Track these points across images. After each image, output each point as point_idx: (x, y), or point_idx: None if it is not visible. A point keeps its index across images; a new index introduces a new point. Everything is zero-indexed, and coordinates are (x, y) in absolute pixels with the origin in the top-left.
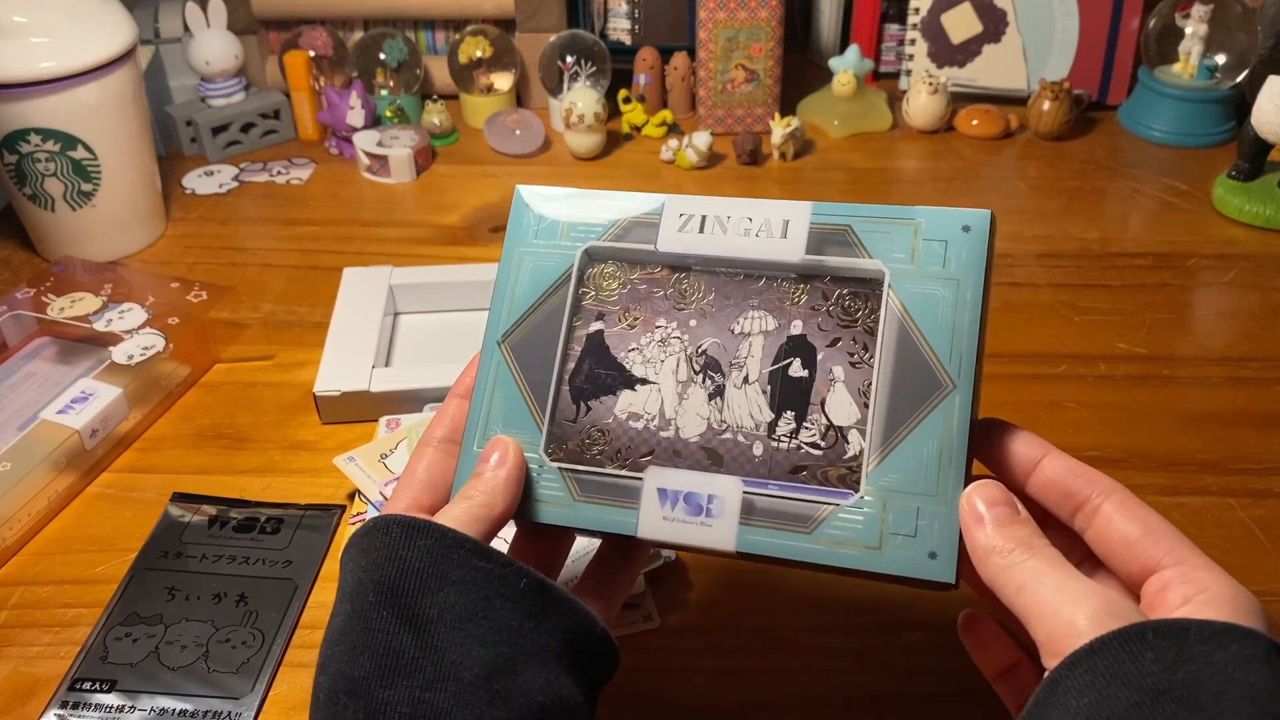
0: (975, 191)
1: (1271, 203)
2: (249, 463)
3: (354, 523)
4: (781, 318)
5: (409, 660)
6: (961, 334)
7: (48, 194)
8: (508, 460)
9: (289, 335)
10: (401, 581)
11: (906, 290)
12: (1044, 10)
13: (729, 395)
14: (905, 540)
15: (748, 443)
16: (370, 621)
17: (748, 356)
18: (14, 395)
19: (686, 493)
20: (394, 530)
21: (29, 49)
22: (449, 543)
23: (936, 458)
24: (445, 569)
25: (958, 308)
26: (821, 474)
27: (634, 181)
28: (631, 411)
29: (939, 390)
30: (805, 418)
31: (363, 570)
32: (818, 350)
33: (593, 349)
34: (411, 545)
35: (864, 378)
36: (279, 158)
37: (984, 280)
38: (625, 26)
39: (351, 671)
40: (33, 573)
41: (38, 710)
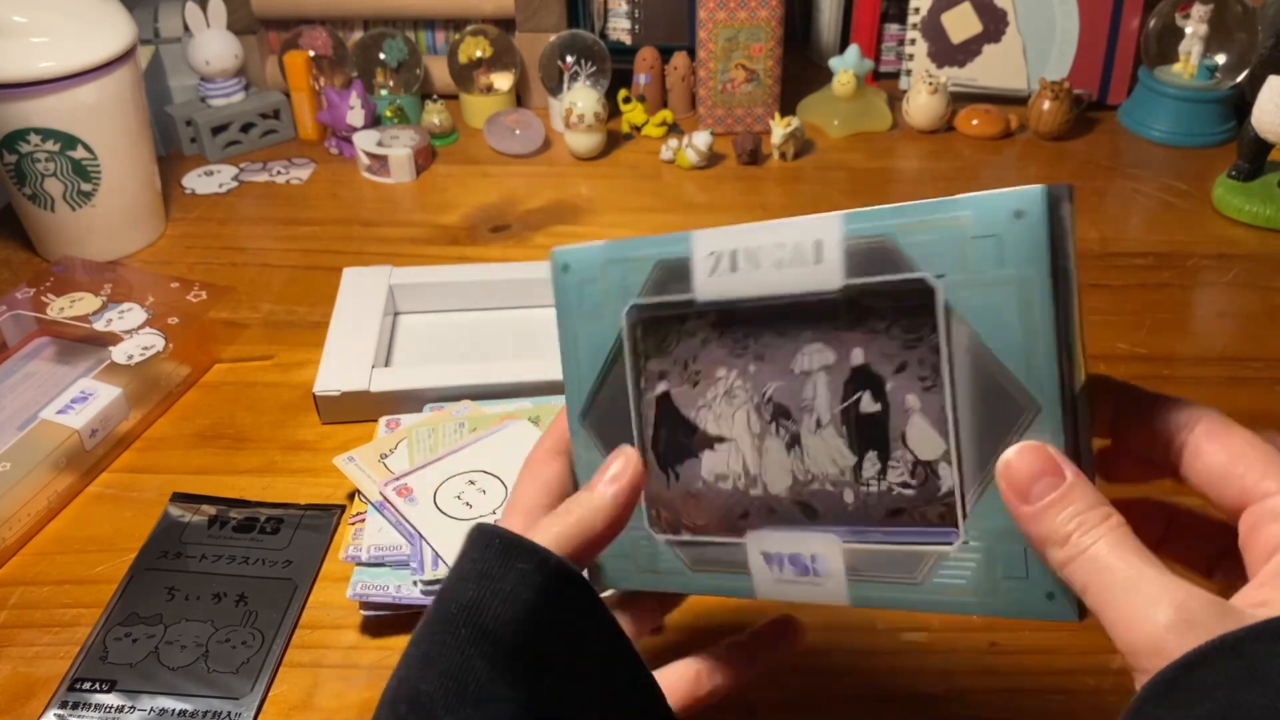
0: (976, 191)
1: (1271, 203)
2: (249, 463)
3: (354, 523)
4: (840, 348)
5: (478, 688)
6: (1036, 344)
7: (47, 194)
8: (623, 477)
9: (289, 335)
10: (489, 602)
11: (964, 301)
12: (1044, 10)
13: (806, 443)
14: (1018, 583)
15: (837, 491)
16: (448, 636)
17: (814, 397)
18: (14, 395)
19: (789, 554)
20: (494, 546)
21: (29, 49)
22: (548, 570)
23: None
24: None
25: (1026, 313)
26: (919, 514)
27: (634, 181)
28: (717, 473)
29: (1022, 415)
30: (889, 455)
31: (457, 578)
32: (885, 380)
33: (666, 414)
34: (509, 567)
35: (939, 405)
36: (279, 158)
37: (1054, 271)
38: (625, 26)
39: (418, 684)
40: (33, 573)
41: (38, 710)
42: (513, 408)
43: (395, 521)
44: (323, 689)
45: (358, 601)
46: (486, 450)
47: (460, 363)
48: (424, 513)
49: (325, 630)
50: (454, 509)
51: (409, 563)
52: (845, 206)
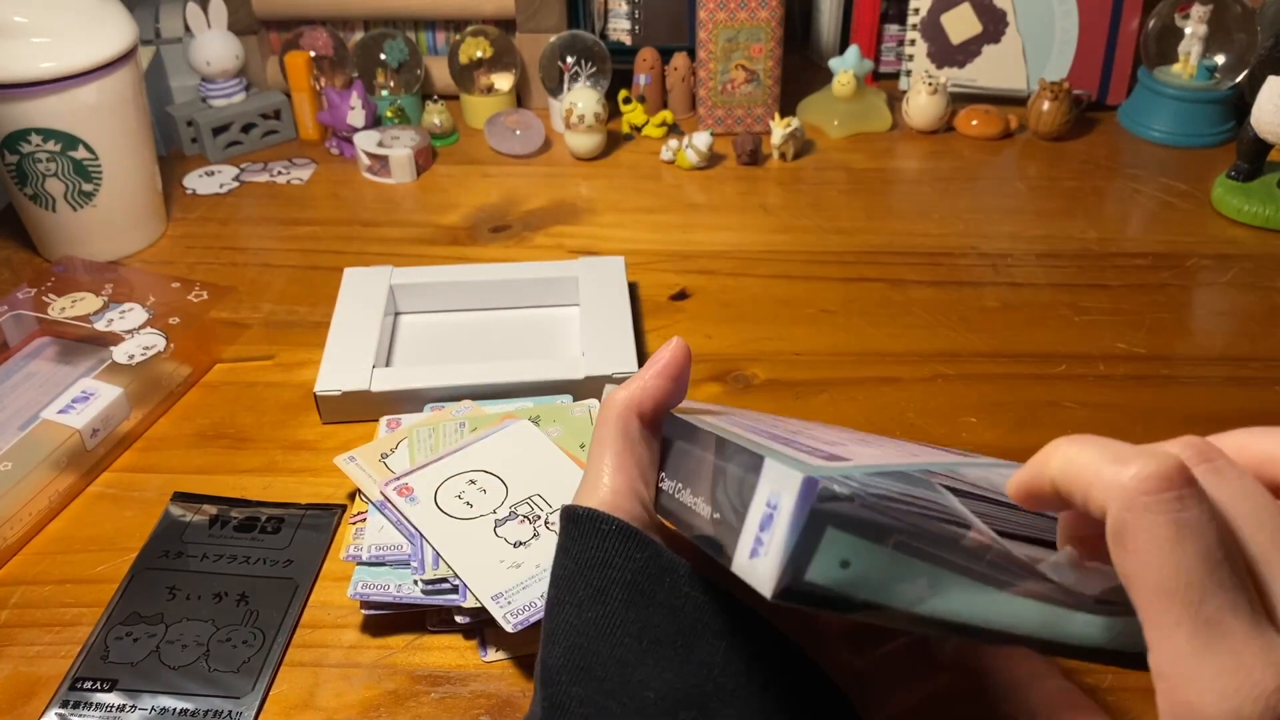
0: (975, 192)
1: (1271, 203)
2: (249, 462)
3: (354, 522)
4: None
5: (600, 665)
6: None
7: (48, 194)
8: (663, 356)
9: (289, 335)
10: (610, 590)
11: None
12: (1044, 10)
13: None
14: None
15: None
16: (571, 614)
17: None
18: (14, 395)
19: None
20: (611, 536)
21: (29, 49)
22: (663, 564)
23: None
24: (654, 590)
25: None
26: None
27: (634, 181)
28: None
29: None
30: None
31: (573, 561)
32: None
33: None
34: (627, 556)
35: None
36: (279, 158)
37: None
38: (625, 27)
39: (545, 658)
40: (33, 572)
41: (38, 709)
42: (513, 408)
43: (396, 521)
44: (324, 688)
45: (358, 601)
46: (487, 450)
47: (461, 363)
48: (425, 512)
49: (326, 630)
50: (455, 508)
51: (410, 562)
52: (846, 207)
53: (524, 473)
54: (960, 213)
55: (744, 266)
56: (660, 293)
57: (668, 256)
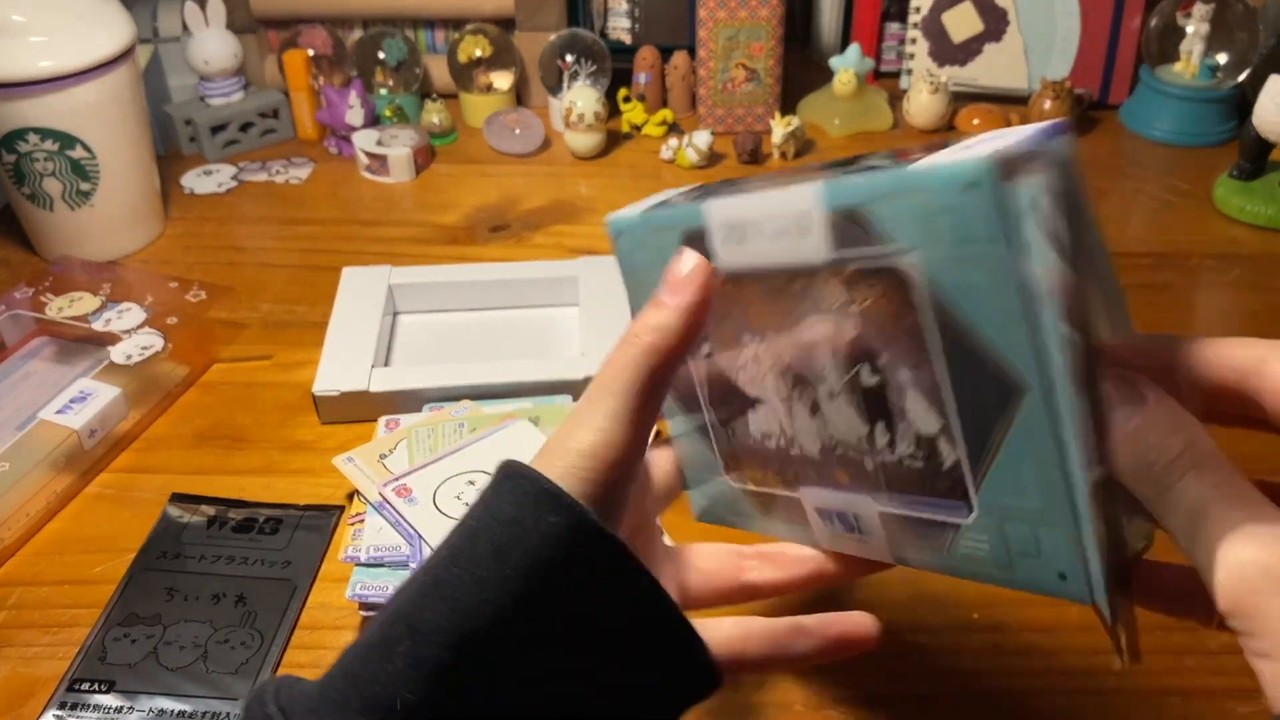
0: None
1: (1273, 203)
2: (248, 463)
3: (353, 523)
4: (835, 321)
5: (487, 629)
6: (1015, 319)
7: (46, 193)
8: (694, 280)
9: (288, 335)
10: (511, 551)
11: (941, 275)
12: (1045, 9)
13: (825, 410)
14: (1032, 560)
15: (859, 458)
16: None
17: (823, 367)
18: (12, 395)
19: (836, 511)
20: (533, 496)
21: (28, 48)
22: (586, 533)
23: (1035, 474)
24: (560, 560)
25: (998, 288)
26: (930, 486)
27: (634, 180)
28: (763, 431)
29: (1012, 396)
30: (894, 427)
31: (486, 513)
32: (879, 353)
33: (713, 373)
34: (538, 518)
35: (930, 383)
36: (278, 157)
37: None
38: (625, 26)
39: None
40: (31, 573)
41: (36, 710)
42: (513, 408)
43: (395, 522)
44: None
45: (357, 602)
46: (486, 450)
47: (460, 363)
48: (423, 513)
49: (324, 631)
50: (454, 509)
51: (408, 563)
52: None
53: None
54: None
55: None
56: None
57: None
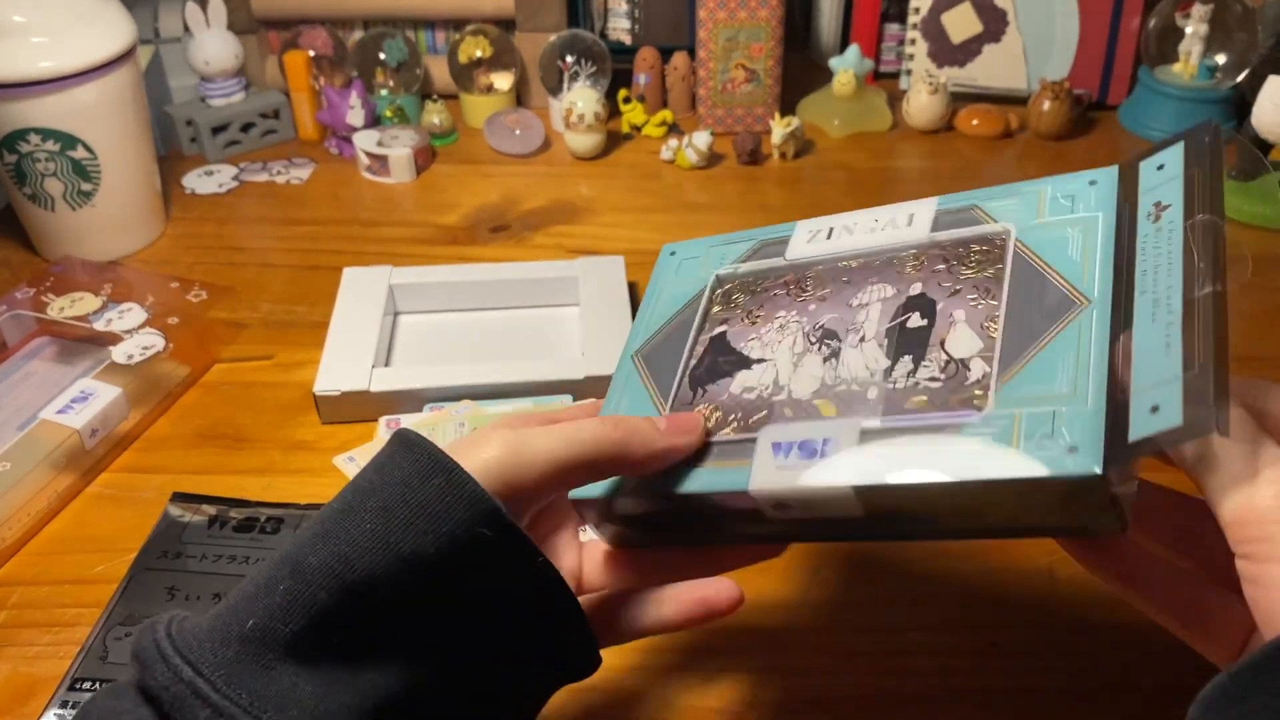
0: None
1: (1271, 203)
2: (249, 463)
3: None
4: (900, 284)
5: (364, 578)
6: (1093, 259)
7: (47, 194)
8: (692, 434)
9: (289, 335)
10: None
11: (1033, 237)
12: (1044, 10)
13: (844, 355)
14: (1041, 439)
15: (862, 390)
16: (350, 524)
17: (864, 321)
18: (13, 395)
19: (801, 440)
20: (422, 459)
21: (29, 49)
22: (464, 495)
23: (1074, 365)
24: (441, 522)
25: (1087, 240)
26: (941, 400)
27: (634, 181)
28: (746, 386)
29: (1072, 308)
30: (923, 358)
31: (376, 475)
32: (938, 301)
33: (715, 345)
34: (428, 483)
35: (987, 314)
36: (279, 157)
37: (1119, 213)
38: (625, 26)
39: (307, 555)
40: (32, 573)
41: (37, 710)
42: (512, 408)
43: None
44: None
45: None
46: None
47: (460, 363)
48: None
49: None
50: None
51: None
52: (846, 206)
53: None
54: None
55: None
56: None
57: None
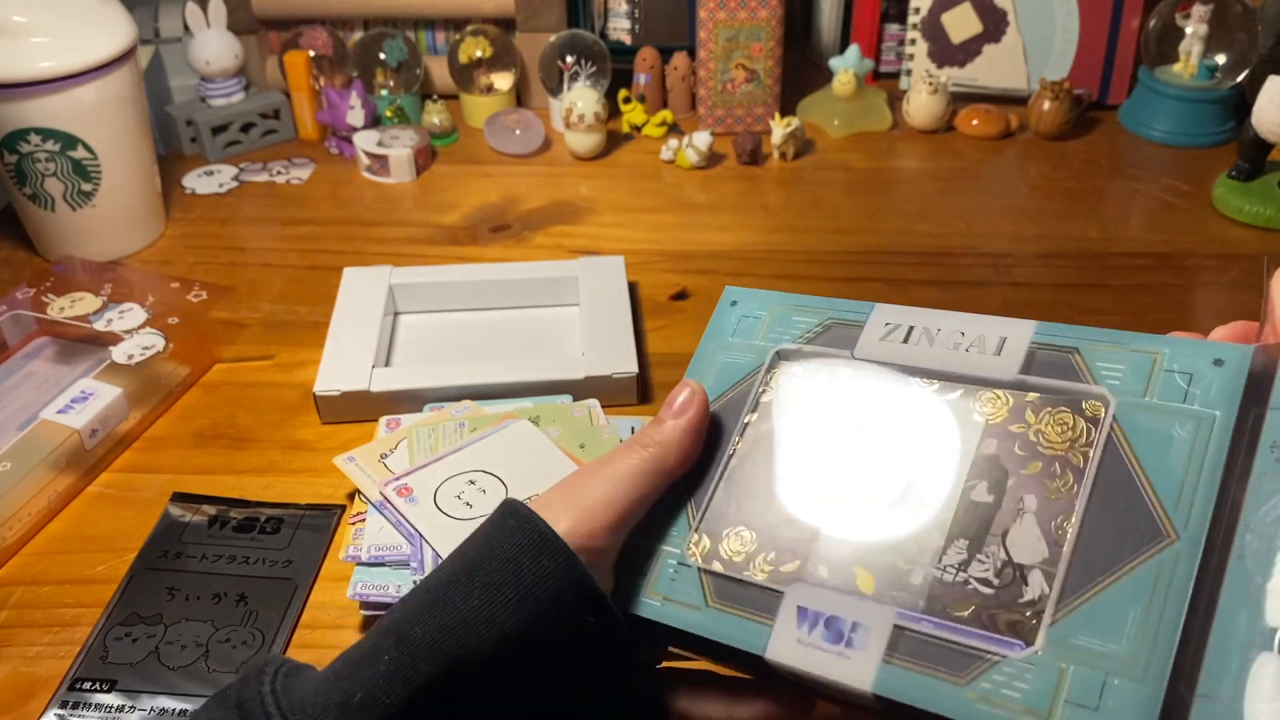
0: (976, 191)
1: (1272, 203)
2: (249, 463)
3: (354, 522)
4: (973, 435)
5: (470, 652)
6: (1195, 479)
7: (48, 194)
8: (691, 407)
9: (289, 335)
10: (502, 588)
11: (1132, 420)
12: (1044, 10)
13: (896, 513)
14: (1081, 712)
15: (907, 568)
16: (457, 595)
17: (926, 475)
18: (14, 395)
19: (829, 615)
20: (534, 537)
21: (29, 49)
22: (573, 578)
23: (1142, 618)
24: (548, 600)
25: (1195, 450)
26: (988, 616)
27: (634, 181)
28: (785, 517)
29: (1157, 540)
30: (981, 549)
31: (485, 548)
32: (1010, 475)
33: (760, 447)
34: (537, 564)
35: (1061, 512)
36: (279, 157)
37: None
38: (625, 26)
39: (414, 625)
40: (33, 573)
41: (38, 710)
42: (513, 407)
43: (395, 521)
44: None
45: (358, 601)
46: (486, 450)
47: (460, 363)
48: (424, 512)
49: (326, 630)
50: (454, 509)
51: (409, 563)
52: (846, 206)
53: (524, 473)
54: (961, 212)
55: (744, 266)
56: (660, 293)
57: (668, 256)
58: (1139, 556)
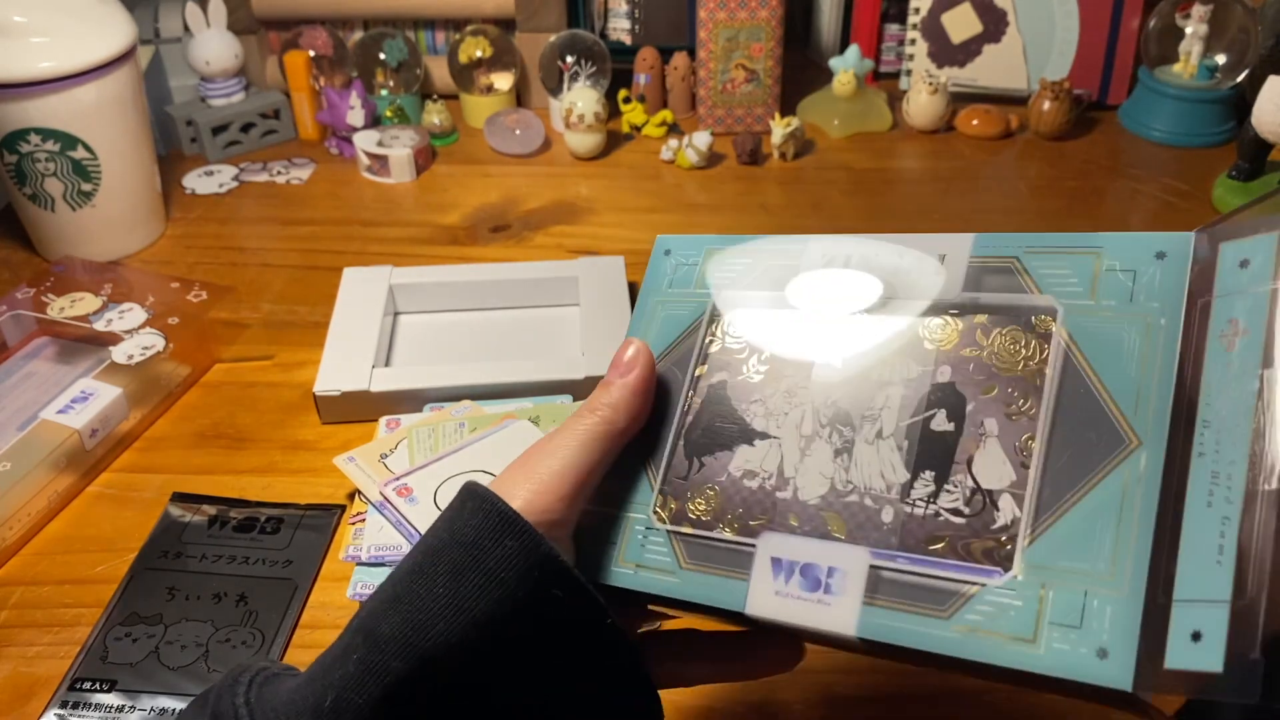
0: (976, 192)
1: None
2: (249, 463)
3: (354, 522)
4: (926, 363)
5: (435, 645)
6: (1150, 380)
7: (48, 194)
8: (636, 365)
9: (289, 335)
10: (470, 573)
11: (1082, 328)
12: (1044, 10)
13: (858, 452)
14: (1067, 632)
15: (876, 506)
16: (421, 587)
17: (883, 408)
18: (14, 395)
19: (803, 564)
20: (491, 517)
21: (29, 49)
22: (538, 556)
23: (1114, 530)
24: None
25: (1147, 349)
26: (963, 546)
27: (634, 181)
28: (747, 469)
29: (1119, 447)
30: (948, 479)
31: (447, 534)
32: (968, 400)
33: (713, 400)
34: (499, 545)
35: (1023, 432)
36: (279, 157)
37: (1188, 314)
38: (625, 26)
39: (380, 622)
40: (33, 573)
41: (38, 710)
42: (513, 407)
43: (396, 521)
44: None
45: (358, 601)
46: (487, 450)
47: (460, 363)
48: (424, 513)
49: (326, 630)
50: None
51: None
52: (846, 206)
53: None
54: (961, 213)
55: None
56: None
57: None
58: (1104, 467)
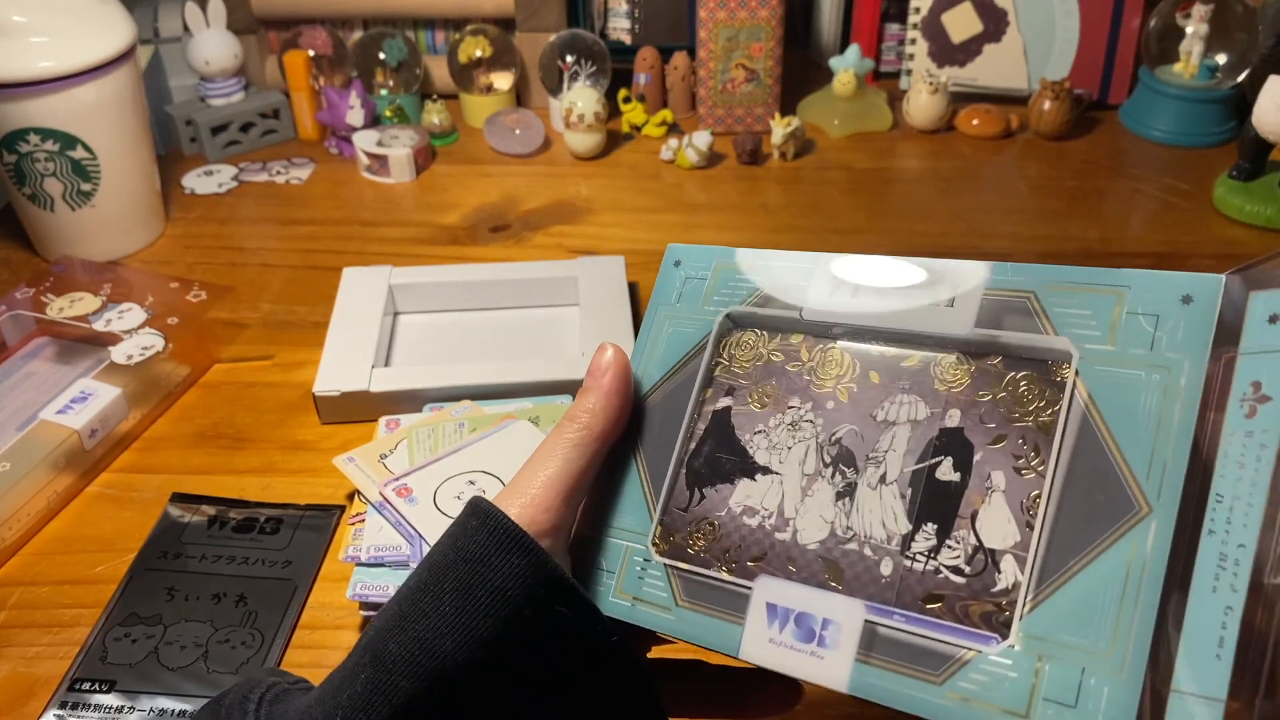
0: (976, 191)
1: (1272, 203)
2: (248, 463)
3: (353, 523)
4: (936, 405)
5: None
6: (1167, 440)
7: (47, 194)
8: (610, 368)
9: (288, 335)
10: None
11: (1098, 378)
12: (1044, 10)
13: (860, 496)
14: (1061, 710)
15: (875, 558)
16: (429, 606)
17: (888, 450)
18: (13, 395)
19: (799, 613)
20: (498, 534)
21: (28, 49)
22: (544, 574)
23: (1116, 604)
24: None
25: (1164, 407)
26: (961, 608)
27: (634, 181)
28: (747, 505)
29: (1129, 513)
30: (950, 533)
31: (453, 551)
32: (975, 449)
33: (717, 427)
34: (506, 562)
35: (1031, 489)
36: (278, 157)
37: (1211, 388)
38: (625, 26)
39: (388, 640)
40: (32, 573)
41: (37, 710)
42: (513, 408)
43: (395, 522)
44: None
45: (358, 602)
46: (486, 450)
47: (460, 363)
48: (424, 513)
49: (325, 630)
50: (454, 509)
51: (409, 563)
52: (847, 206)
53: None
54: (961, 212)
55: None
56: None
57: None
58: (1113, 533)
